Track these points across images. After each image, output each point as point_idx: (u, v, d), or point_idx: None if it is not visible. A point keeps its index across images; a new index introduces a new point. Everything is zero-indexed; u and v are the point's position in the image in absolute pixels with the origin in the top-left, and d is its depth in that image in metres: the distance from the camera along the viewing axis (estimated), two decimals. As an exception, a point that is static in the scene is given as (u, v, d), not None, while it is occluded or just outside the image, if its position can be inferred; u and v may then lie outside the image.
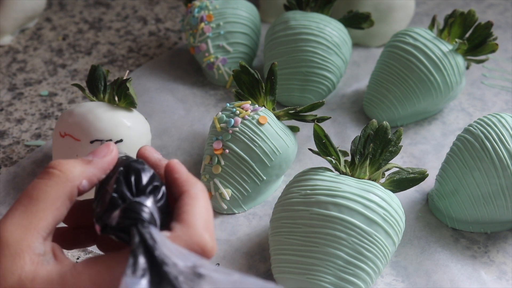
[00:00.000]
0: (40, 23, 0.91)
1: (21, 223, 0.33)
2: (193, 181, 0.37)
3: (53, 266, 0.33)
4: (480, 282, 0.53)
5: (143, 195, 0.35)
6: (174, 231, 0.34)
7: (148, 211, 0.34)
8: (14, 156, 0.67)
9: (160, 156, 0.39)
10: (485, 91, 0.76)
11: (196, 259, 0.31)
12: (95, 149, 0.38)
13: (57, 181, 0.35)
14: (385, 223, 0.48)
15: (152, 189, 0.35)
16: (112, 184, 0.35)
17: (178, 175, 0.37)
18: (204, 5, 0.75)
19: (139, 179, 0.35)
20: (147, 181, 0.35)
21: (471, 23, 0.65)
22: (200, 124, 0.71)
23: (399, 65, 0.67)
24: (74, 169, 0.36)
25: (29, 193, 0.34)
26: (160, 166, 0.38)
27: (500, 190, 0.53)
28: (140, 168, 0.36)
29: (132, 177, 0.35)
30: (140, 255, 0.31)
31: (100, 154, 0.37)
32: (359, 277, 0.49)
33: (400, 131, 0.52)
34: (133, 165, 0.36)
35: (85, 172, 0.36)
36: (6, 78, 0.79)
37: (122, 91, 0.59)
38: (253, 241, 0.57)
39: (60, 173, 0.35)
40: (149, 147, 0.40)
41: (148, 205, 0.34)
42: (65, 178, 0.35)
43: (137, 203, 0.34)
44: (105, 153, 0.37)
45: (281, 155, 0.59)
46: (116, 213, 0.33)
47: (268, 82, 0.60)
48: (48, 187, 0.34)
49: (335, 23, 0.71)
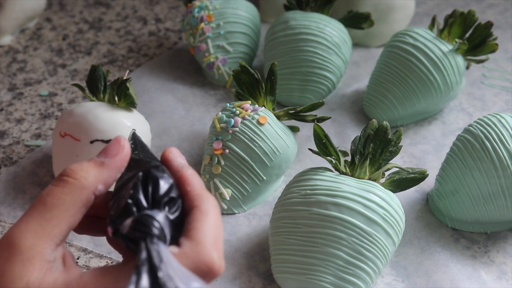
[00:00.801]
0: (40, 23, 0.91)
1: (35, 230, 0.33)
2: (205, 196, 0.36)
3: (60, 274, 0.33)
4: (480, 282, 0.53)
5: (157, 207, 0.34)
6: (182, 248, 0.33)
7: (159, 226, 0.33)
8: (14, 156, 0.67)
9: (184, 162, 0.38)
10: (485, 91, 0.76)
11: (199, 284, 0.31)
12: (106, 147, 0.37)
13: (72, 188, 0.35)
14: (385, 223, 0.48)
15: (167, 201, 0.35)
16: (129, 189, 0.35)
17: (190, 188, 0.36)
18: (204, 5, 0.75)
19: (156, 188, 0.35)
20: (164, 192, 0.35)
21: (471, 23, 0.65)
22: (200, 124, 0.71)
23: (399, 65, 0.67)
24: (88, 175, 0.35)
25: (44, 199, 0.34)
26: (179, 171, 0.37)
27: (500, 190, 0.53)
28: (159, 177, 0.35)
29: (150, 185, 0.35)
30: (144, 273, 0.30)
31: (111, 153, 0.37)
32: (359, 277, 0.49)
33: (400, 131, 0.52)
34: (153, 172, 0.35)
35: (99, 177, 0.36)
36: (6, 78, 0.79)
37: (122, 91, 0.59)
38: (253, 241, 0.57)
39: (75, 181, 0.35)
40: (175, 150, 0.39)
41: (159, 220, 0.34)
42: (80, 185, 0.35)
43: (149, 217, 0.33)
44: (117, 151, 0.37)
45: (281, 155, 0.59)
46: (128, 222, 0.33)
47: (268, 82, 0.60)
48: (63, 194, 0.34)
49: (335, 23, 0.71)
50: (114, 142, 0.37)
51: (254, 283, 0.53)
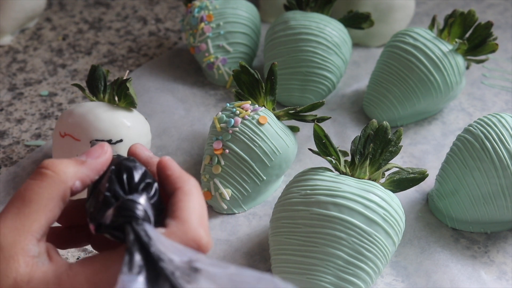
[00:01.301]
0: (40, 23, 0.91)
1: (14, 226, 0.33)
2: (186, 178, 0.37)
3: (48, 267, 0.33)
4: (480, 282, 0.53)
5: (135, 192, 0.35)
6: (169, 228, 0.34)
7: (142, 208, 0.34)
8: (14, 156, 0.67)
9: (151, 154, 0.39)
10: (485, 91, 0.76)
11: (192, 254, 0.31)
12: (89, 149, 0.37)
13: (50, 182, 0.35)
14: (385, 223, 0.48)
15: (144, 186, 0.35)
16: (104, 183, 0.35)
17: (170, 172, 0.37)
18: (204, 5, 0.75)
19: (131, 176, 0.35)
20: (139, 179, 0.35)
21: (471, 23, 0.65)
22: (200, 124, 0.71)
23: (399, 65, 0.67)
24: (67, 170, 0.35)
25: (21, 194, 0.34)
26: (151, 164, 0.38)
27: (500, 190, 0.53)
28: (131, 166, 0.36)
29: (124, 175, 0.35)
30: (136, 252, 0.31)
31: (93, 154, 0.37)
32: (359, 277, 0.49)
33: (400, 131, 0.52)
34: (125, 163, 0.36)
35: (78, 173, 0.36)
36: (6, 78, 0.79)
37: (122, 91, 0.59)
38: (253, 241, 0.57)
39: (53, 173, 0.35)
40: (139, 145, 0.40)
41: (141, 202, 0.34)
42: (58, 179, 0.35)
43: (130, 201, 0.34)
44: (99, 154, 0.37)
45: (281, 155, 0.59)
46: (110, 212, 0.33)
47: (268, 82, 0.60)
48: (41, 188, 0.34)
49: (335, 23, 0.71)
50: (98, 146, 0.38)
51: (254, 283, 0.53)
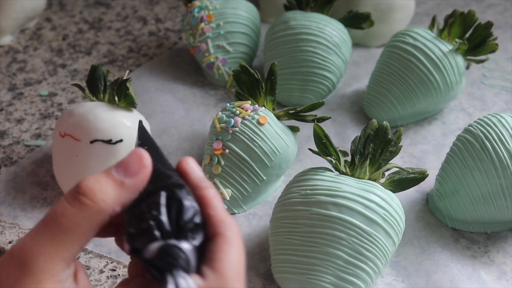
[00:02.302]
0: (40, 23, 0.91)
1: (48, 252, 0.32)
2: (228, 222, 0.35)
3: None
4: (480, 282, 0.53)
5: (181, 233, 0.33)
6: (207, 280, 0.32)
7: (185, 258, 0.32)
8: (14, 156, 0.67)
9: (202, 175, 0.37)
10: (485, 91, 0.76)
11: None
12: (126, 161, 0.34)
13: (90, 212, 0.33)
14: (385, 223, 0.48)
15: (192, 228, 0.33)
16: (151, 208, 0.33)
17: (213, 212, 0.35)
18: (204, 5, 0.75)
19: (181, 212, 0.33)
20: (188, 219, 0.33)
21: (471, 23, 0.65)
22: (200, 124, 0.71)
23: (399, 65, 0.67)
24: (107, 197, 0.33)
25: (58, 220, 0.32)
26: (199, 188, 0.36)
27: (500, 190, 0.53)
28: (183, 200, 0.33)
29: (174, 208, 0.33)
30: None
31: (132, 170, 0.34)
32: (359, 277, 0.49)
33: (400, 131, 0.52)
34: (177, 193, 0.34)
35: (118, 199, 0.33)
36: (6, 78, 0.79)
37: (122, 91, 0.59)
38: (253, 241, 0.57)
39: (92, 203, 0.33)
40: (191, 161, 0.37)
41: (186, 251, 0.33)
42: (98, 209, 0.33)
43: (175, 248, 0.32)
44: (138, 169, 0.34)
45: (281, 155, 0.59)
46: (153, 248, 0.32)
47: (268, 82, 0.60)
48: (79, 217, 0.33)
49: (335, 23, 0.71)
50: (136, 157, 0.34)
51: (254, 283, 0.53)
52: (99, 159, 0.57)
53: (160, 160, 0.37)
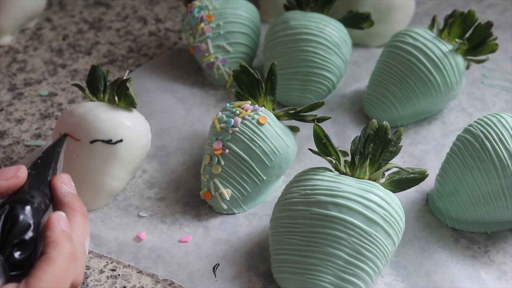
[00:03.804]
0: (40, 23, 0.91)
1: None
2: (60, 243, 0.37)
3: None
4: (480, 282, 0.53)
5: (3, 247, 0.36)
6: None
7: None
8: (14, 156, 0.67)
9: (70, 190, 0.40)
10: (485, 91, 0.76)
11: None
12: (4, 168, 0.38)
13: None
14: (385, 223, 0.48)
15: (17, 243, 0.37)
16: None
17: (49, 233, 0.37)
18: (204, 5, 0.75)
19: (13, 227, 0.37)
20: (17, 233, 0.37)
21: (471, 23, 0.65)
22: (200, 124, 0.71)
23: (399, 65, 0.67)
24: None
25: None
26: (61, 204, 0.39)
27: (500, 190, 0.53)
28: (19, 214, 0.37)
29: (9, 222, 0.37)
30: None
31: (4, 175, 0.38)
32: (359, 277, 0.49)
33: (400, 131, 0.52)
34: (18, 208, 0.37)
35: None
36: (6, 78, 0.79)
37: (122, 91, 0.59)
38: (253, 241, 0.57)
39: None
40: (66, 178, 0.41)
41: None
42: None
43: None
44: (10, 177, 0.38)
45: (281, 155, 0.59)
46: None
47: (268, 82, 0.60)
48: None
49: (335, 23, 0.71)
50: (15, 168, 0.38)
51: (254, 283, 0.53)
52: (99, 159, 0.57)
53: (43, 172, 0.42)
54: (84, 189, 0.58)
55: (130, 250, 0.56)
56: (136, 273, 0.54)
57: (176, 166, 0.65)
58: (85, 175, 0.58)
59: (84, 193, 0.58)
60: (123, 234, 0.57)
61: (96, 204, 0.60)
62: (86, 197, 0.58)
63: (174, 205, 0.61)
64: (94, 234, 0.57)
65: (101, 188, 0.59)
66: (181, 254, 0.55)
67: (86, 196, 0.58)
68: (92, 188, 0.58)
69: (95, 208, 0.60)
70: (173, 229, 0.58)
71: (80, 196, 0.46)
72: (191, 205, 0.61)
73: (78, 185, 0.57)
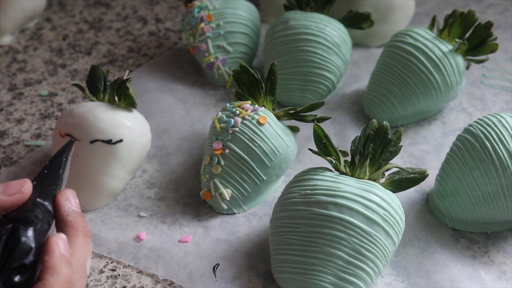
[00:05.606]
0: (40, 23, 0.91)
1: None
2: (58, 269, 0.36)
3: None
4: (480, 282, 0.53)
5: (4, 269, 0.36)
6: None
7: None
8: (14, 156, 0.67)
9: (74, 208, 0.39)
10: (485, 91, 0.76)
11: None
12: (10, 182, 0.37)
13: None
14: (385, 223, 0.48)
15: (17, 267, 0.36)
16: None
17: (48, 257, 0.36)
18: (204, 5, 0.75)
19: (14, 250, 0.36)
20: (17, 257, 0.36)
21: (471, 23, 0.65)
22: (200, 124, 0.71)
23: (399, 65, 0.67)
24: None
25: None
26: (65, 223, 0.38)
27: (500, 190, 0.53)
28: (22, 237, 0.36)
29: (10, 244, 0.36)
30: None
31: (9, 191, 0.37)
32: (359, 277, 0.49)
33: (400, 131, 0.52)
34: (20, 229, 0.36)
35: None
36: (6, 78, 0.79)
37: (122, 91, 0.59)
38: (253, 241, 0.57)
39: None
40: (70, 194, 0.40)
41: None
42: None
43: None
44: (14, 192, 0.38)
45: (281, 155, 0.59)
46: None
47: (268, 82, 0.60)
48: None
49: (335, 23, 0.71)
50: (19, 183, 0.38)
51: (254, 283, 0.53)
52: (99, 159, 0.57)
53: (49, 185, 0.41)
54: (84, 189, 0.58)
55: (130, 250, 0.56)
56: (136, 273, 0.54)
57: (176, 166, 0.65)
58: (85, 175, 0.58)
59: (84, 193, 0.58)
60: (123, 234, 0.57)
61: (96, 204, 0.60)
62: (86, 197, 0.58)
63: (174, 205, 0.61)
64: (94, 234, 0.57)
65: (101, 188, 0.59)
66: (181, 254, 0.55)
67: (86, 196, 0.58)
68: (92, 188, 0.58)
69: (95, 208, 0.60)
70: (173, 229, 0.58)
71: (80, 196, 0.45)
72: (191, 205, 0.61)
73: (78, 185, 0.57)
